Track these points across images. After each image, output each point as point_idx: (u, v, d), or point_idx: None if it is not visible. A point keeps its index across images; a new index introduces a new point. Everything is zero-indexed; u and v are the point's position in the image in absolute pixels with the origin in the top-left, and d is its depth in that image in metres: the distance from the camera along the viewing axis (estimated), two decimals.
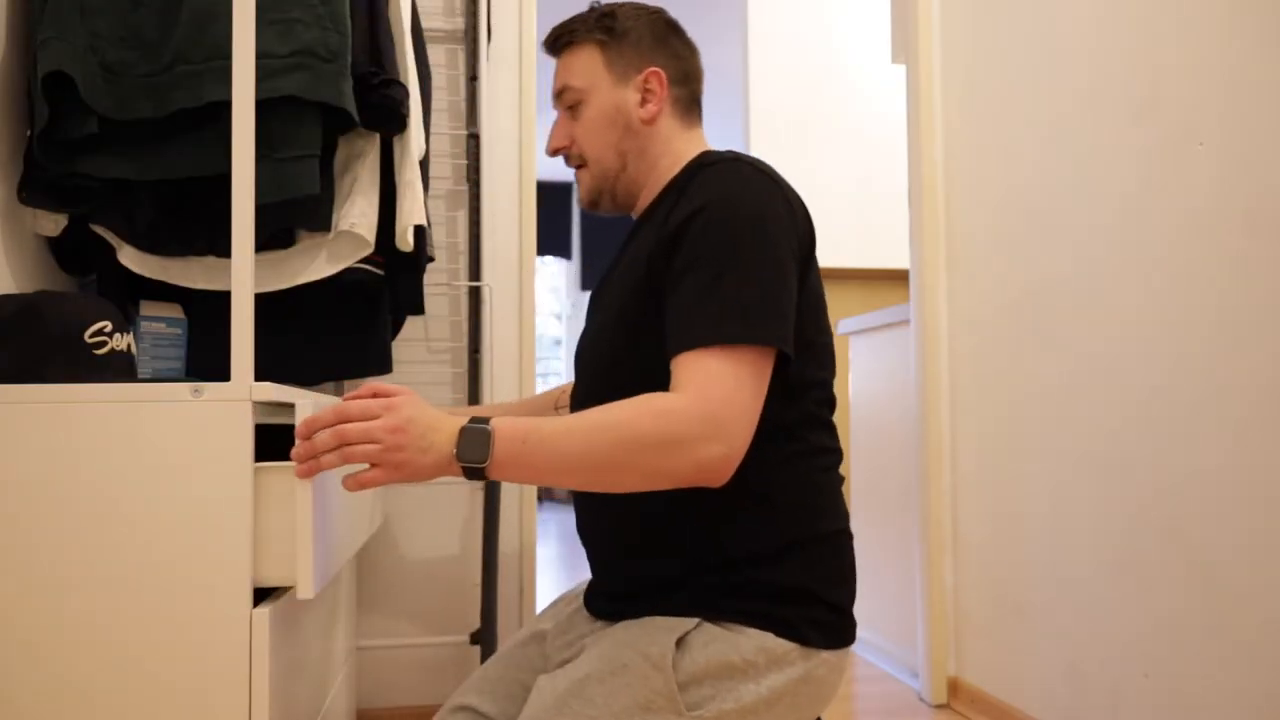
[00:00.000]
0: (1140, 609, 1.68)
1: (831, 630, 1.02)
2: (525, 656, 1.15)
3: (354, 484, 0.89)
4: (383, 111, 1.50)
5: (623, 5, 1.16)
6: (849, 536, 1.08)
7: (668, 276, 0.99)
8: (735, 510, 1.01)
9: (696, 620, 0.99)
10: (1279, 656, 1.42)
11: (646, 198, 1.16)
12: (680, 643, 0.97)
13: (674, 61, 1.16)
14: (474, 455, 0.88)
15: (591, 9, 1.17)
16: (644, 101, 1.13)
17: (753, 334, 0.93)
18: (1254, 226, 1.47)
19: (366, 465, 0.89)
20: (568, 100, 1.15)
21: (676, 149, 1.15)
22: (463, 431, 0.89)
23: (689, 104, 1.17)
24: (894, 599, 2.64)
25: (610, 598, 1.10)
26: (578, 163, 1.17)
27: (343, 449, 0.88)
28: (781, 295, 0.96)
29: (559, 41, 1.17)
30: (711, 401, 0.90)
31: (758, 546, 1.01)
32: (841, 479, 1.08)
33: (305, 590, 0.95)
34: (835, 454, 1.09)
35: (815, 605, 1.01)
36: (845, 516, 1.08)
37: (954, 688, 2.29)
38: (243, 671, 0.91)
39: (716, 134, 4.92)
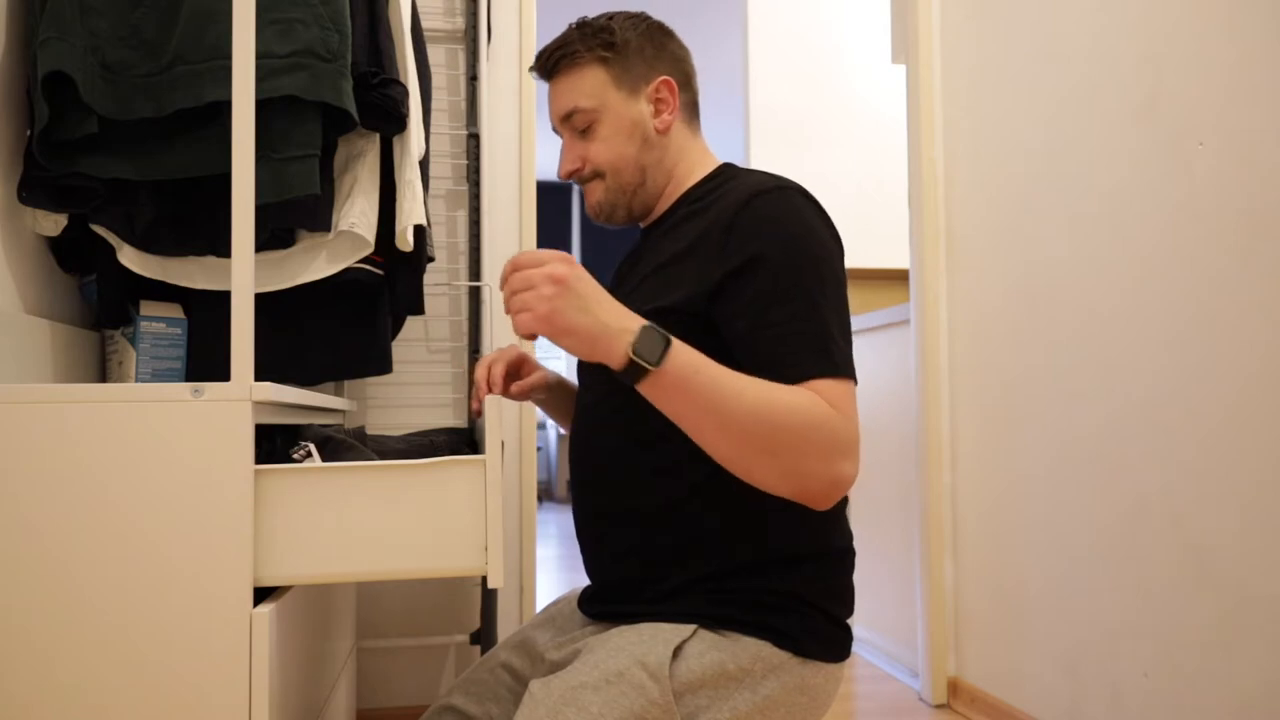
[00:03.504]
0: (1140, 609, 1.68)
1: (829, 642, 1.01)
2: (512, 660, 1.15)
3: (520, 328, 0.91)
4: (382, 111, 1.50)
5: (612, 17, 1.13)
6: (852, 555, 1.08)
7: (734, 303, 0.98)
8: (741, 520, 1.01)
9: (693, 628, 0.98)
10: (1279, 656, 1.42)
11: (663, 205, 1.15)
12: (677, 651, 0.96)
13: (677, 66, 1.15)
14: (648, 353, 0.88)
15: (580, 25, 1.13)
16: (658, 112, 1.12)
17: (850, 367, 0.97)
18: (1253, 226, 1.47)
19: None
20: (578, 123, 1.12)
21: (689, 156, 1.15)
22: (645, 329, 0.89)
23: (693, 108, 1.17)
24: (894, 599, 2.64)
25: (607, 600, 1.09)
26: (593, 177, 1.14)
27: (513, 295, 0.91)
28: (849, 327, 1.02)
29: (556, 63, 1.12)
30: (854, 424, 0.93)
31: (760, 557, 1.00)
32: (847, 501, 1.08)
33: (495, 580, 0.97)
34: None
35: (814, 617, 1.01)
36: (849, 536, 1.08)
37: (954, 688, 2.29)
38: (243, 671, 0.91)
39: (716, 134, 4.93)
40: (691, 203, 1.10)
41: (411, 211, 1.57)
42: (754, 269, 0.97)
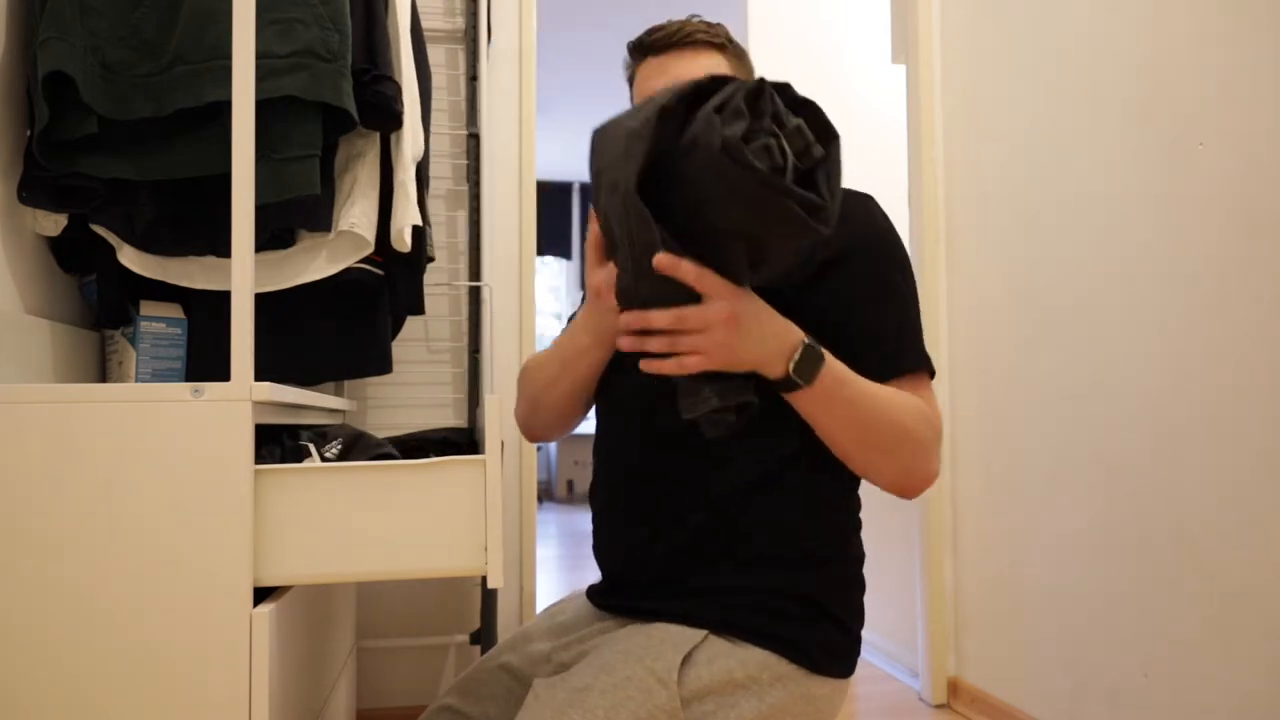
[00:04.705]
0: (1140, 609, 1.68)
1: (840, 655, 1.02)
2: (511, 661, 1.15)
3: (673, 367, 0.86)
4: (377, 109, 1.50)
5: (712, 26, 1.17)
6: (862, 570, 1.09)
7: (826, 293, 1.00)
8: (772, 523, 1.01)
9: (704, 633, 0.98)
10: (1279, 656, 1.42)
11: None
12: (687, 658, 0.96)
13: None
14: (805, 375, 0.90)
15: (690, 21, 1.16)
16: None
17: (931, 361, 1.04)
18: (1254, 227, 1.47)
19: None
20: None
21: None
22: (806, 347, 0.90)
23: None
24: (894, 599, 2.64)
25: (624, 594, 1.09)
26: None
27: (675, 336, 0.85)
28: None
29: (681, 40, 1.14)
30: (941, 420, 1.01)
31: (784, 561, 1.01)
32: (860, 523, 1.10)
33: (495, 580, 0.97)
34: (857, 494, 1.11)
35: (828, 628, 1.01)
36: (863, 555, 1.09)
37: (954, 688, 2.29)
38: (243, 671, 0.91)
39: None
40: None
41: (405, 212, 1.57)
42: (847, 261, 1.01)
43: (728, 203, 0.76)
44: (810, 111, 0.81)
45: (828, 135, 0.80)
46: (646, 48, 1.16)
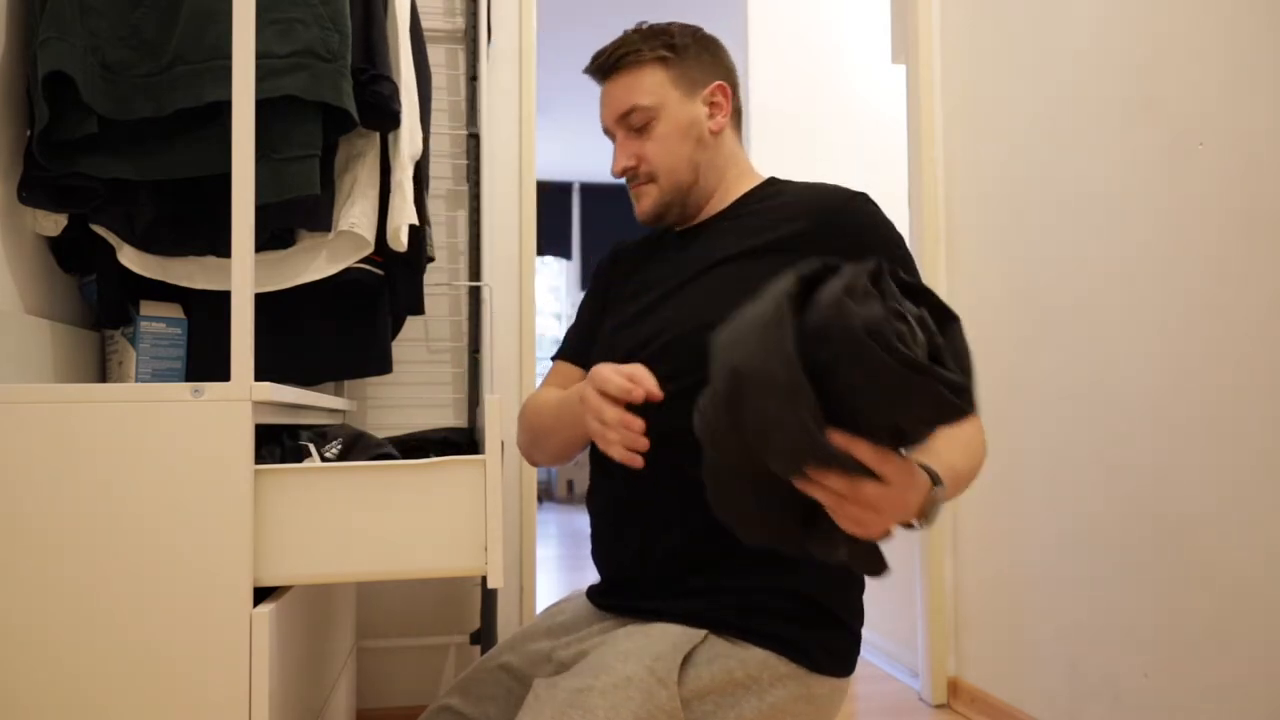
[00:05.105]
0: (1140, 609, 1.68)
1: (840, 656, 1.02)
2: (511, 661, 1.15)
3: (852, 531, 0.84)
4: (374, 109, 1.50)
5: (668, 24, 1.17)
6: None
7: None
8: None
9: (704, 633, 0.98)
10: (1279, 656, 1.42)
11: (713, 206, 1.19)
12: (687, 658, 0.96)
13: (729, 75, 1.20)
14: (935, 516, 0.90)
15: (639, 29, 1.17)
16: (712, 114, 1.16)
17: None
18: (1254, 227, 1.47)
19: None
20: (636, 121, 1.15)
21: (739, 162, 1.20)
22: (934, 499, 0.87)
23: (739, 114, 1.21)
24: (894, 599, 2.64)
25: (624, 594, 1.09)
26: (645, 180, 1.16)
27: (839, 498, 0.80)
28: None
29: (617, 62, 1.15)
30: None
31: (781, 559, 1.00)
32: None
33: (495, 580, 0.97)
34: None
35: (827, 630, 1.01)
36: None
37: (954, 688, 2.29)
38: (243, 671, 0.91)
39: None
40: (748, 205, 1.15)
41: (401, 212, 1.57)
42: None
43: (871, 386, 0.72)
44: (927, 297, 0.80)
45: (947, 317, 0.79)
46: (593, 74, 1.18)
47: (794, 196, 1.13)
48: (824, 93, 4.05)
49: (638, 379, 0.95)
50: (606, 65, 1.16)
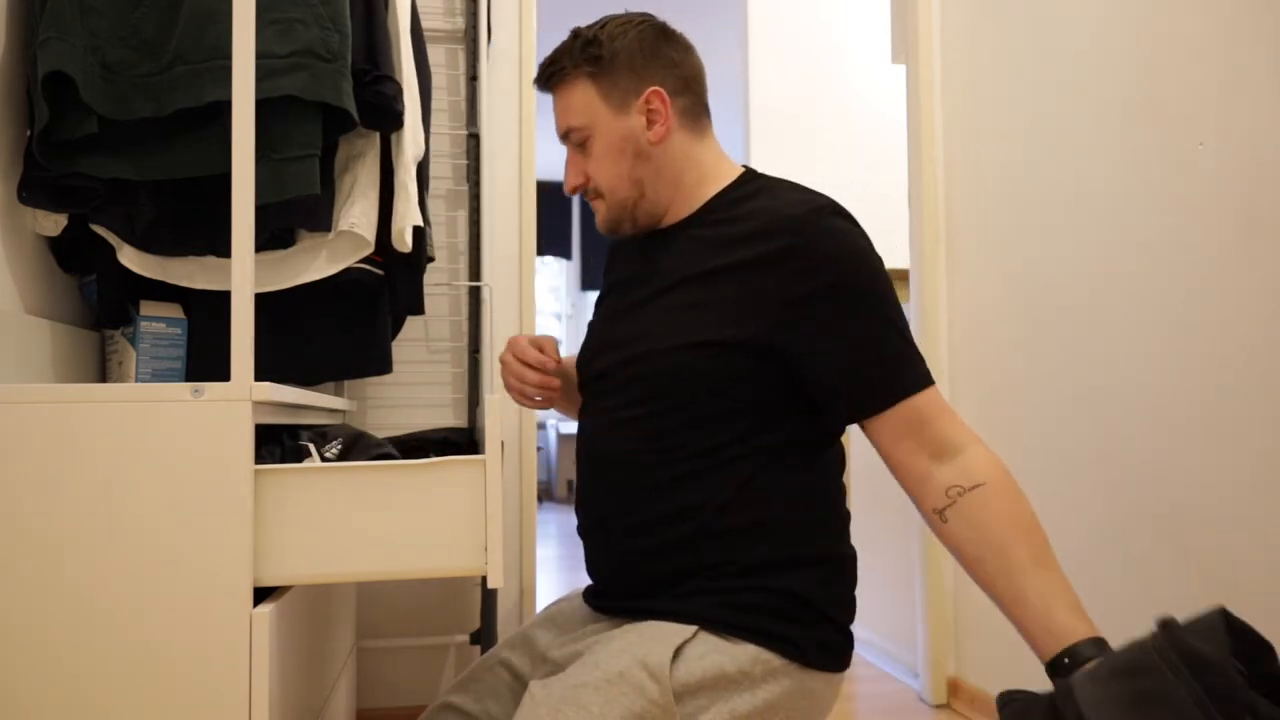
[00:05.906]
0: (1140, 609, 1.68)
1: (831, 650, 1.02)
2: (512, 659, 1.15)
3: None
4: (377, 109, 1.50)
5: (606, 25, 1.10)
6: (855, 563, 1.09)
7: (810, 330, 0.99)
8: (750, 523, 1.01)
9: (695, 629, 0.98)
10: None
11: (677, 212, 1.13)
12: (677, 652, 0.96)
13: (671, 72, 1.10)
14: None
15: (575, 36, 1.11)
16: (650, 124, 1.09)
17: (930, 373, 1.02)
18: (1254, 227, 1.47)
19: None
20: (575, 139, 1.11)
21: (699, 159, 1.12)
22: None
23: (696, 110, 1.13)
24: (894, 599, 2.64)
25: (615, 596, 1.09)
26: (594, 195, 1.13)
27: None
28: None
29: (550, 78, 1.12)
30: (961, 421, 1.03)
31: (773, 561, 1.01)
32: (849, 515, 1.10)
33: (495, 580, 0.97)
34: (841, 482, 1.11)
35: (818, 625, 1.01)
36: (852, 551, 1.09)
37: (954, 688, 2.29)
38: (243, 671, 0.91)
39: (717, 134, 4.86)
40: (717, 211, 1.09)
41: (406, 213, 1.57)
42: (831, 296, 0.98)
43: None
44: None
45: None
46: (538, 85, 1.15)
47: (758, 208, 1.05)
48: (824, 93, 4.06)
49: (547, 351, 1.18)
50: (540, 81, 1.13)
